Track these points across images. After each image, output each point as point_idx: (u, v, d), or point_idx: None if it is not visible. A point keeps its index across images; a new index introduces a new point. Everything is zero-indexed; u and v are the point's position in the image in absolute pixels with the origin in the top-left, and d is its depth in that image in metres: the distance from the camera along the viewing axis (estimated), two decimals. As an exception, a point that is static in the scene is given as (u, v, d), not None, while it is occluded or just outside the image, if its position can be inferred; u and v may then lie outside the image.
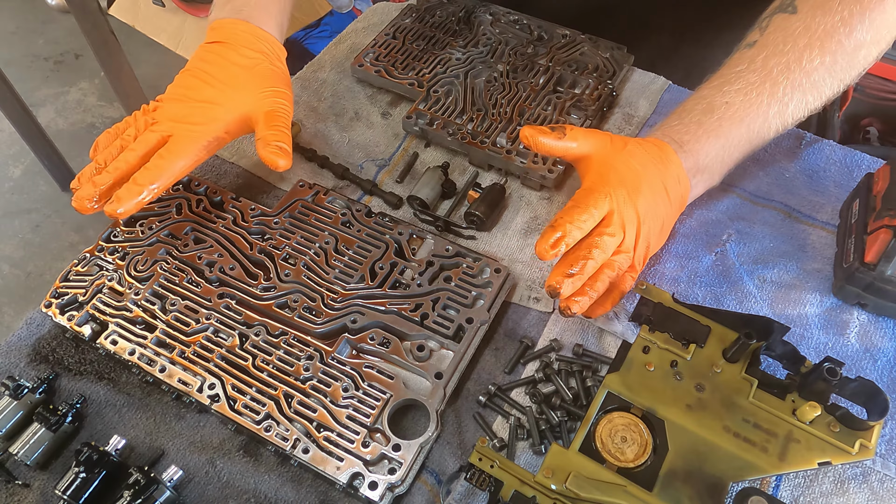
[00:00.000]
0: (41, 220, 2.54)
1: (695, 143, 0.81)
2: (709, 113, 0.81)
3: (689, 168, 0.81)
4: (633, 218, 0.77)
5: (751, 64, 0.81)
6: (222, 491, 0.71)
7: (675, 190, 0.80)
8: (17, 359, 0.80)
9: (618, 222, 0.76)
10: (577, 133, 0.80)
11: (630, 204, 0.76)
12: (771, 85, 0.79)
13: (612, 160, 0.79)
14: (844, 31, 0.78)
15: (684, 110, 0.83)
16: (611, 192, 0.76)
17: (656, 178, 0.79)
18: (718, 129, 0.80)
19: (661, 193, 0.79)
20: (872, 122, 2.09)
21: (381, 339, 0.78)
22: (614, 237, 0.75)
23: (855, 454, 0.66)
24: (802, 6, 0.80)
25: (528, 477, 0.66)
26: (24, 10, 3.36)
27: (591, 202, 0.75)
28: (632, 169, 0.78)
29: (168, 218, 0.89)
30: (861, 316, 0.83)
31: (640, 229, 0.77)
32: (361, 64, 1.07)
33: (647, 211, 0.77)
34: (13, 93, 2.27)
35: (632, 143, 0.81)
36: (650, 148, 0.80)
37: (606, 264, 0.76)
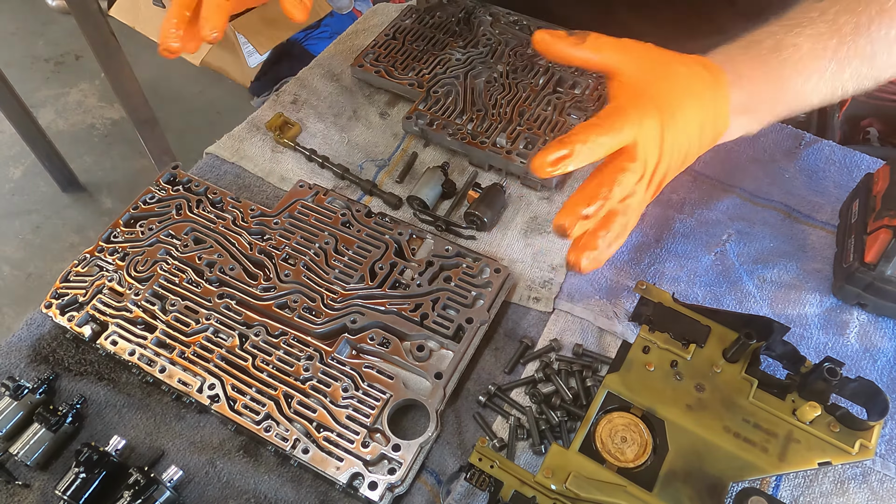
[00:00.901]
0: (41, 220, 2.55)
1: (753, 80, 0.71)
2: (775, 51, 0.72)
3: (737, 105, 0.71)
4: (657, 152, 0.66)
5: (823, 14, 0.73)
6: (222, 491, 0.71)
7: (711, 128, 0.70)
8: (17, 359, 0.80)
9: (642, 157, 0.65)
10: (602, 43, 0.67)
11: (658, 137, 0.66)
12: (838, 42, 0.71)
13: (649, 79, 0.67)
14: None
15: (752, 41, 0.73)
16: (641, 118, 0.64)
17: (696, 110, 0.68)
18: (780, 73, 0.72)
19: (695, 129, 0.69)
20: (872, 123, 2.09)
21: (381, 339, 0.78)
22: (635, 173, 0.65)
23: (855, 454, 0.66)
24: None
25: (528, 477, 0.66)
26: (24, 12, 3.37)
27: (616, 125, 0.63)
28: (672, 94, 0.67)
29: (168, 218, 0.89)
30: (861, 316, 0.83)
31: (659, 167, 0.68)
32: (361, 64, 1.07)
33: (673, 146, 0.67)
34: (13, 94, 2.27)
35: (677, 61, 0.69)
36: (700, 72, 0.69)
37: (618, 209, 0.66)
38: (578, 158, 0.62)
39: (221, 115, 2.93)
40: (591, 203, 0.63)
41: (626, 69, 0.67)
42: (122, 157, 2.76)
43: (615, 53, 0.68)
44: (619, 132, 0.63)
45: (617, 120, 0.64)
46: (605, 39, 0.68)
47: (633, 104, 0.65)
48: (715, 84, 0.69)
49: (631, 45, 0.69)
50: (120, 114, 2.83)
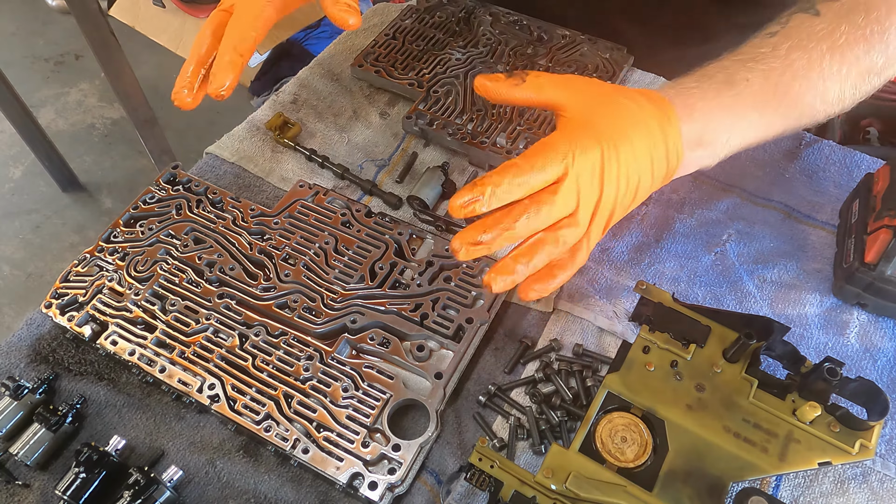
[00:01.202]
0: (41, 220, 2.55)
1: (707, 113, 0.70)
2: (729, 86, 0.72)
3: (691, 140, 0.70)
4: (596, 185, 0.65)
5: (775, 50, 0.73)
6: (222, 491, 0.71)
7: (663, 161, 0.69)
8: (17, 359, 0.80)
9: (571, 190, 0.63)
10: (543, 81, 0.68)
11: (596, 169, 0.64)
12: (791, 77, 0.72)
13: (591, 112, 0.66)
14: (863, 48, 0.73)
15: (704, 75, 0.73)
16: (574, 151, 0.63)
17: (644, 142, 0.67)
18: (734, 108, 0.71)
19: (645, 161, 0.67)
20: (872, 123, 2.09)
21: (381, 339, 0.78)
22: (555, 206, 0.63)
23: (855, 454, 0.66)
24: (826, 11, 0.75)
25: (528, 477, 0.66)
26: (24, 12, 3.37)
27: (538, 163, 0.62)
28: (615, 126, 0.66)
29: (168, 218, 0.89)
30: (861, 316, 0.83)
31: (602, 200, 0.66)
32: (361, 64, 1.07)
33: (619, 178, 0.66)
34: (13, 94, 2.27)
35: (623, 94, 0.69)
36: (646, 105, 0.68)
37: (547, 239, 0.65)
38: (490, 202, 0.62)
39: (221, 115, 2.92)
40: (486, 231, 0.63)
41: (568, 104, 0.67)
42: (122, 157, 2.76)
43: (556, 90, 0.68)
44: (541, 170, 0.62)
45: (540, 158, 0.63)
46: (546, 77, 0.68)
47: (566, 138, 0.64)
48: (664, 117, 0.68)
49: (573, 80, 0.69)
50: (120, 114, 2.83)
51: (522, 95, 0.68)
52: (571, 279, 0.87)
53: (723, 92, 0.71)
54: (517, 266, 0.65)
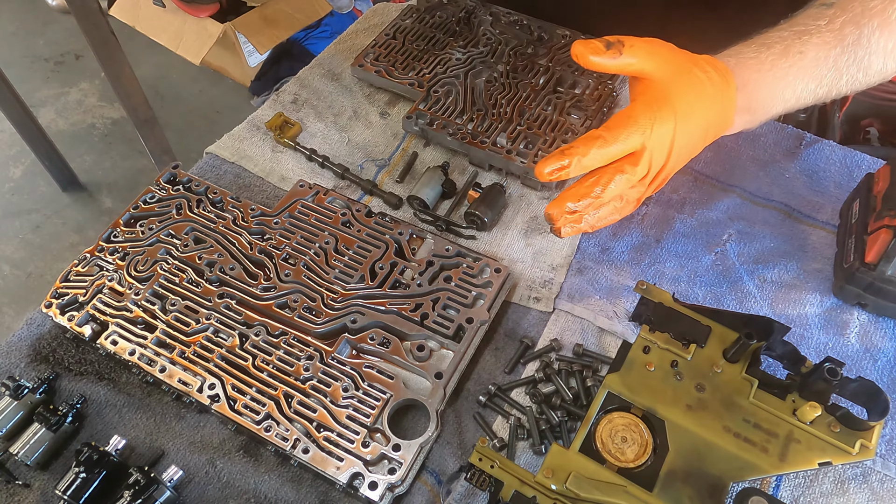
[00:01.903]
0: (41, 220, 2.55)
1: (759, 84, 0.76)
2: (783, 57, 0.76)
3: (741, 107, 0.76)
4: (665, 153, 0.72)
5: (830, 23, 0.77)
6: (222, 491, 0.71)
7: (715, 128, 0.76)
8: (17, 359, 0.80)
9: (646, 160, 0.70)
10: (638, 49, 0.71)
11: (669, 139, 0.71)
12: (840, 51, 0.76)
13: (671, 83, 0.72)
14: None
15: (763, 44, 0.78)
16: (653, 125, 0.70)
17: (706, 112, 0.74)
18: (784, 79, 0.77)
19: (703, 129, 0.74)
20: (873, 123, 2.09)
21: (381, 339, 0.78)
22: (635, 176, 0.71)
23: (855, 454, 0.66)
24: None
25: (528, 477, 0.66)
26: (24, 11, 3.37)
27: (622, 136, 0.69)
28: (688, 98, 0.72)
29: (168, 218, 0.89)
30: (861, 316, 0.83)
31: (666, 166, 0.73)
32: (361, 64, 1.07)
33: (683, 146, 0.73)
34: (13, 93, 2.27)
35: (696, 66, 0.74)
36: (715, 79, 0.74)
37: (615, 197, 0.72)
38: (576, 170, 0.68)
39: (221, 114, 2.92)
40: (580, 199, 0.70)
41: (654, 72, 0.72)
42: (122, 157, 2.76)
43: (647, 59, 0.72)
44: (623, 142, 0.69)
45: (623, 130, 0.69)
46: (639, 47, 0.71)
47: (647, 111, 0.70)
48: (725, 88, 0.74)
49: (659, 49, 0.73)
50: (120, 113, 2.83)
51: (617, 65, 0.71)
52: (571, 279, 0.87)
53: (777, 64, 0.76)
54: (584, 218, 0.73)
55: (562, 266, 0.88)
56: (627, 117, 0.70)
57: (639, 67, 0.72)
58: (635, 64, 0.72)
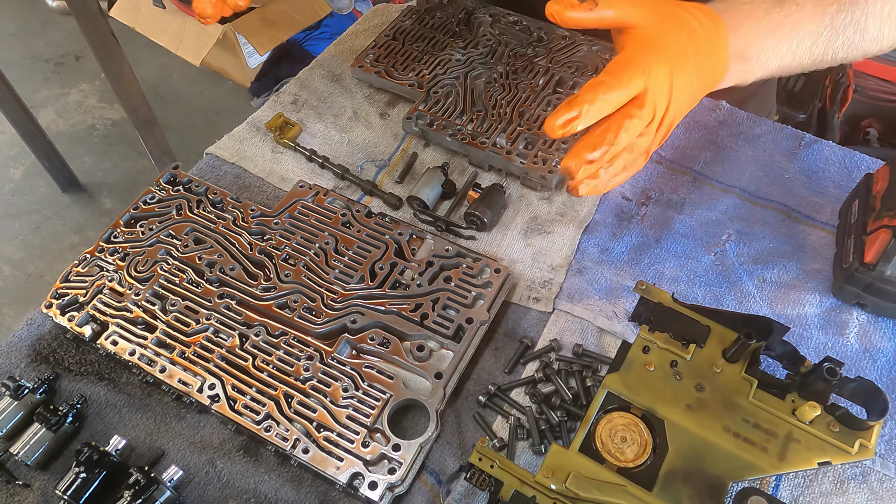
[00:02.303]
0: (42, 221, 2.55)
1: (753, 30, 0.75)
2: (778, 6, 0.76)
3: (736, 53, 0.75)
4: (666, 97, 0.70)
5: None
6: (222, 491, 0.71)
7: (711, 72, 0.74)
8: (17, 359, 0.80)
9: (651, 103, 0.69)
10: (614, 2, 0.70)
11: (667, 81, 0.70)
12: (837, 8, 0.76)
13: (659, 28, 0.70)
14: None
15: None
16: (651, 66, 0.68)
17: (701, 55, 0.72)
18: (780, 29, 0.76)
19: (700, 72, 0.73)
20: (872, 123, 2.09)
21: (381, 339, 0.78)
22: (643, 119, 0.69)
23: (855, 454, 0.66)
24: None
25: (528, 477, 0.66)
26: (24, 12, 3.37)
27: (624, 78, 0.67)
28: (679, 41, 0.70)
29: (168, 218, 0.89)
30: (860, 316, 0.83)
31: (669, 110, 0.71)
32: (361, 65, 1.07)
33: (682, 89, 0.71)
34: (14, 94, 2.27)
35: (684, 8, 0.73)
36: (703, 20, 0.73)
37: (628, 147, 0.71)
38: (587, 118, 0.66)
39: (221, 115, 2.93)
40: (596, 148, 0.68)
41: (638, 21, 0.70)
42: (122, 158, 2.76)
43: (627, 7, 0.70)
44: (626, 85, 0.67)
45: (625, 73, 0.67)
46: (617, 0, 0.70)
47: (641, 53, 0.69)
48: (715, 30, 0.73)
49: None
50: (120, 114, 2.83)
51: (595, 17, 0.69)
52: (571, 279, 0.87)
53: (771, 12, 0.75)
54: (601, 171, 0.71)
55: (561, 266, 0.88)
56: (624, 61, 0.69)
57: (619, 17, 0.70)
58: (614, 14, 0.70)
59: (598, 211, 0.94)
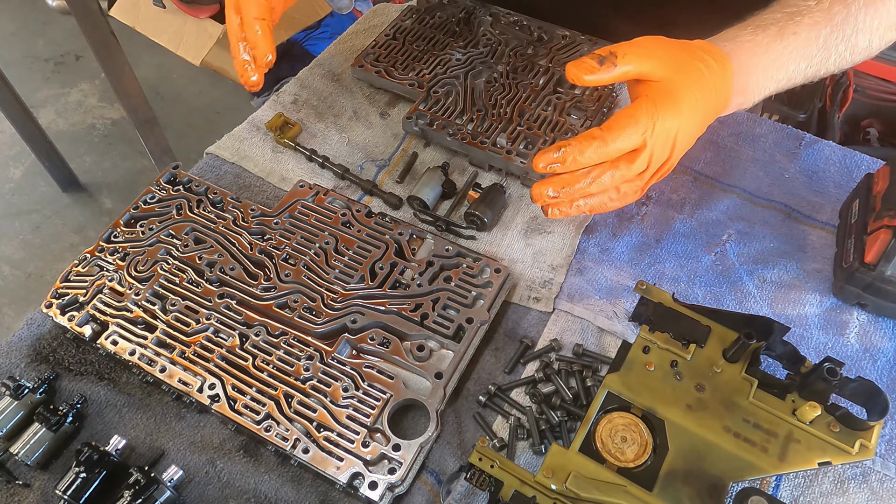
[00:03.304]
0: (42, 220, 2.55)
1: (755, 67, 0.78)
2: (779, 39, 0.78)
3: (737, 90, 0.77)
4: (668, 149, 0.72)
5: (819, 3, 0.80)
6: (222, 491, 0.71)
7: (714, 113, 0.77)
8: (17, 359, 0.80)
9: (646, 157, 0.71)
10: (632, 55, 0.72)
11: (672, 137, 0.72)
12: (830, 30, 0.79)
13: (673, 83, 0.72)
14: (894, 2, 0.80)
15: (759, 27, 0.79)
16: (655, 123, 0.70)
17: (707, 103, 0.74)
18: (779, 60, 0.78)
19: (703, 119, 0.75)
20: (872, 123, 2.09)
21: (381, 339, 0.78)
22: (630, 172, 0.71)
23: (855, 454, 0.66)
24: None
25: (528, 477, 0.66)
26: (24, 12, 3.37)
27: (620, 137, 0.69)
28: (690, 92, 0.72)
29: (168, 218, 0.89)
30: (861, 316, 0.83)
31: (671, 159, 0.74)
32: (362, 65, 1.07)
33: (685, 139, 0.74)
34: (14, 94, 2.27)
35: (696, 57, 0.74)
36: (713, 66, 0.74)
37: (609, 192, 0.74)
38: (571, 165, 0.70)
39: (221, 115, 2.92)
40: (563, 187, 0.72)
41: (654, 73, 0.72)
42: (122, 157, 2.76)
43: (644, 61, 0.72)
44: (622, 142, 0.69)
45: (622, 131, 0.69)
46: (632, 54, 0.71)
47: (649, 110, 0.70)
48: (723, 74, 0.75)
49: (652, 47, 0.73)
50: (120, 114, 2.83)
51: (614, 76, 0.72)
52: (571, 279, 0.87)
53: (772, 46, 0.78)
54: (577, 203, 0.74)
55: (562, 266, 0.88)
56: (628, 117, 0.70)
57: (637, 71, 0.72)
58: (633, 69, 0.72)
59: (599, 211, 0.94)
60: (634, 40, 0.73)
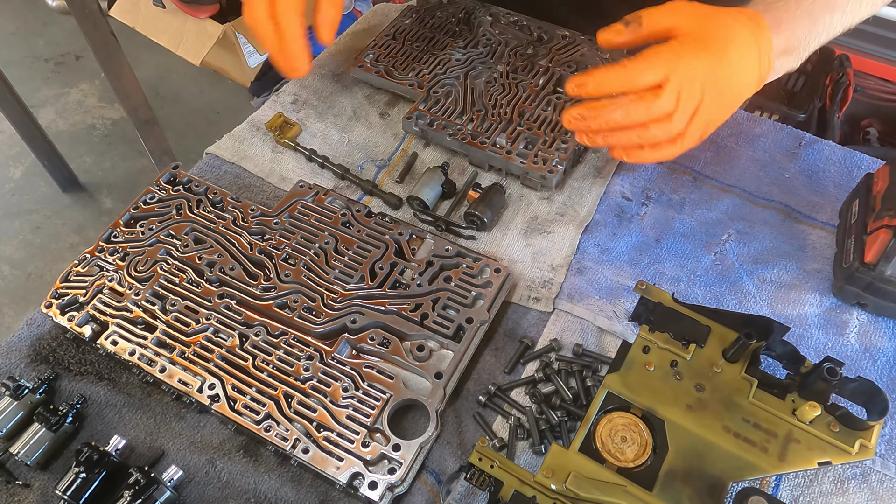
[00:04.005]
0: (41, 220, 2.55)
1: (790, 24, 0.80)
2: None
3: (779, 48, 0.79)
4: (699, 91, 0.74)
5: None
6: (222, 491, 0.71)
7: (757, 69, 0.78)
8: (17, 359, 0.80)
9: (672, 92, 0.73)
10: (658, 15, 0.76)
11: (700, 75, 0.73)
12: None
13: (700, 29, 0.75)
14: None
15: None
16: (680, 60, 0.73)
17: (742, 53, 0.76)
18: (812, 14, 0.80)
19: (743, 73, 0.77)
20: (872, 123, 2.09)
21: (381, 339, 0.78)
22: (654, 105, 0.73)
23: (855, 454, 0.66)
24: None
25: (528, 477, 0.66)
26: (24, 12, 3.37)
27: (642, 66, 0.73)
28: (719, 38, 0.75)
29: (168, 218, 0.89)
30: (861, 316, 0.83)
31: (701, 107, 0.75)
32: (361, 65, 1.07)
33: (721, 84, 0.75)
34: (14, 94, 2.27)
35: (723, 12, 0.77)
36: (745, 21, 0.77)
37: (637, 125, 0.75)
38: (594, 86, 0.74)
39: (221, 115, 2.93)
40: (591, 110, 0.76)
41: (680, 26, 0.75)
42: (122, 157, 2.76)
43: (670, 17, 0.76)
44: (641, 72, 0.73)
45: (644, 61, 0.73)
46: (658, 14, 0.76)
47: (673, 49, 0.74)
48: (759, 30, 0.77)
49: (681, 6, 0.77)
50: (120, 114, 2.83)
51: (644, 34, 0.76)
52: (571, 279, 0.87)
53: (802, 2, 0.80)
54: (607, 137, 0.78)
55: (561, 266, 0.88)
56: (652, 50, 0.74)
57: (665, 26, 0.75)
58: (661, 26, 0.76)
59: (599, 211, 0.94)
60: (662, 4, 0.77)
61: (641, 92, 0.73)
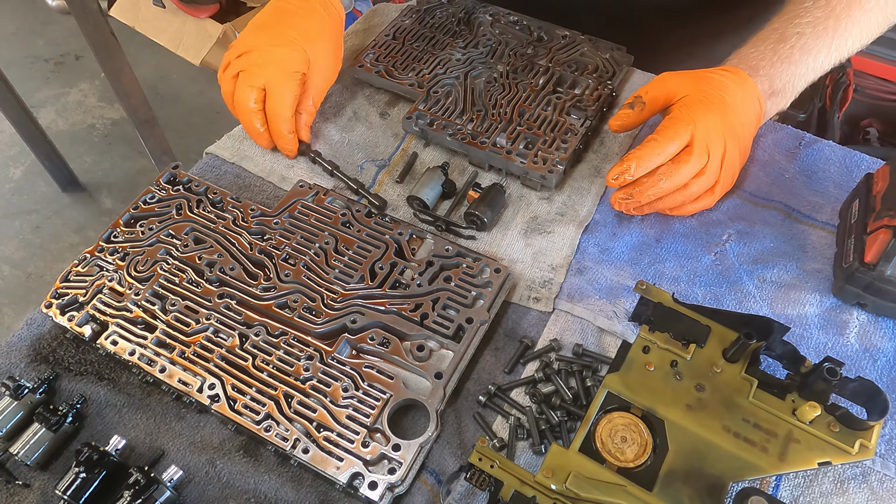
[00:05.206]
0: (41, 220, 2.55)
1: (769, 69, 0.86)
2: (782, 42, 0.87)
3: (764, 91, 0.86)
4: (720, 140, 0.82)
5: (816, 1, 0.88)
6: (222, 491, 0.71)
7: (753, 113, 0.86)
8: (17, 359, 0.80)
9: (701, 148, 0.81)
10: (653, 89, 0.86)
11: (718, 127, 0.81)
12: (834, 21, 0.86)
13: (696, 91, 0.84)
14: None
15: (758, 39, 0.89)
16: (696, 118, 0.81)
17: (739, 101, 0.84)
18: (790, 57, 0.87)
19: (743, 115, 0.84)
20: (872, 123, 2.09)
21: (381, 339, 0.78)
22: (690, 165, 0.81)
23: (855, 454, 0.66)
24: None
25: (528, 477, 0.66)
26: (24, 12, 3.37)
27: (671, 134, 0.80)
28: (717, 94, 0.83)
29: (168, 218, 0.89)
30: (861, 316, 0.83)
31: (727, 152, 0.83)
32: (361, 64, 1.07)
33: (734, 131, 0.83)
34: (13, 94, 2.27)
35: (706, 72, 0.86)
36: (729, 76, 0.85)
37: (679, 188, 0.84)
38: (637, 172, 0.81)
39: (221, 115, 2.93)
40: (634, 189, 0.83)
41: (677, 91, 0.86)
42: (122, 157, 2.76)
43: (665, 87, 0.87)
44: (673, 139, 0.81)
45: (671, 128, 0.81)
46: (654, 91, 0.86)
47: (685, 111, 0.82)
48: (740, 79, 0.86)
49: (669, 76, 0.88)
50: (120, 114, 2.83)
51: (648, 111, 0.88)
52: (571, 279, 0.87)
53: (778, 49, 0.87)
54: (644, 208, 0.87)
55: (561, 266, 0.88)
56: (671, 118, 0.82)
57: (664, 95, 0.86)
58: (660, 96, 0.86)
59: (599, 211, 0.94)
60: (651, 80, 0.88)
61: (676, 157, 0.81)
